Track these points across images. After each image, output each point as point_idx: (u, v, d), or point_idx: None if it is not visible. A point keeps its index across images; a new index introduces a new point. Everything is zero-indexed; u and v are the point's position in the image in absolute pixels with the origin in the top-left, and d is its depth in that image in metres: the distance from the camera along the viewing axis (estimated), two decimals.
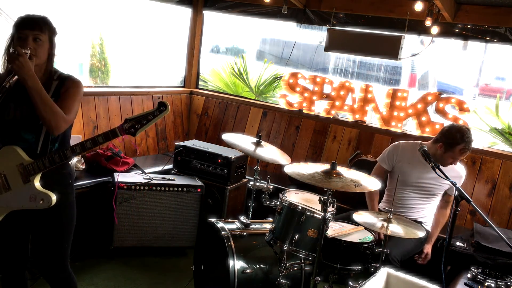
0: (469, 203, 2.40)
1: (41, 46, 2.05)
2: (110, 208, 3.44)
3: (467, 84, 8.35)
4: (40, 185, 2.09)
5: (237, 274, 2.66)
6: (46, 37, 2.07)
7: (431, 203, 3.31)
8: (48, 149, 2.13)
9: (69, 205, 2.27)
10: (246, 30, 8.16)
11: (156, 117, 2.00)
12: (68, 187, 2.26)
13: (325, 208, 2.44)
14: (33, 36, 2.03)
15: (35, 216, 2.15)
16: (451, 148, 3.10)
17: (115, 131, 2.02)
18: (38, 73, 2.07)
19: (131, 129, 2.01)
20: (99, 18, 5.93)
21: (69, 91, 2.15)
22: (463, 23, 4.00)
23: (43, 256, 2.25)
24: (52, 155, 2.05)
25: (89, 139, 2.05)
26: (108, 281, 3.29)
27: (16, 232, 2.25)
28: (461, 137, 3.09)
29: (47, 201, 2.07)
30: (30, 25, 2.04)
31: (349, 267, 2.56)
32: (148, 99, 4.81)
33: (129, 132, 2.01)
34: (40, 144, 2.11)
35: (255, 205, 3.33)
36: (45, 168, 2.06)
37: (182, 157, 4.08)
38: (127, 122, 2.01)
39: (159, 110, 2.00)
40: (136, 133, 2.01)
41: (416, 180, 3.23)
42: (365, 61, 7.80)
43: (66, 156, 2.06)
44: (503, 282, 2.68)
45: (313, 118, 4.70)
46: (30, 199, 2.07)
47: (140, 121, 2.01)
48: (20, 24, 2.06)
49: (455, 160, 3.15)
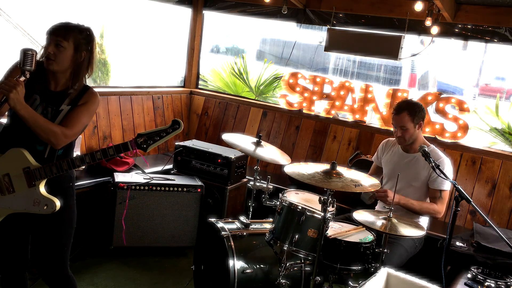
0: (469, 203, 2.40)
1: (62, 52, 2.07)
2: (110, 208, 3.45)
3: (467, 84, 8.36)
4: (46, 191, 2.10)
5: (237, 274, 2.66)
6: (69, 45, 2.08)
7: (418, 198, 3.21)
8: (55, 153, 2.14)
9: (69, 208, 2.26)
10: (246, 30, 8.17)
11: (169, 134, 2.05)
12: (68, 190, 2.26)
13: (325, 208, 2.44)
14: (55, 41, 2.06)
15: (35, 218, 2.15)
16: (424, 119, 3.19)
17: (127, 145, 2.05)
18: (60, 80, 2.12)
19: (143, 144, 2.04)
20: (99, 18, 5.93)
21: (86, 105, 2.17)
22: (463, 23, 4.00)
23: (42, 258, 2.24)
24: (61, 163, 2.06)
25: (100, 150, 2.07)
26: (108, 281, 3.29)
27: (16, 233, 2.24)
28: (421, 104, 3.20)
29: (51, 207, 2.07)
30: (56, 31, 2.08)
31: (349, 267, 2.56)
32: (148, 99, 4.81)
33: (140, 147, 2.04)
34: (49, 148, 2.12)
35: (255, 205, 3.32)
36: (52, 174, 2.07)
37: (182, 157, 4.08)
38: (140, 137, 2.04)
39: (173, 128, 2.04)
40: (148, 148, 2.04)
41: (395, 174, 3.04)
42: (365, 61, 7.80)
43: (75, 165, 2.08)
44: (503, 282, 2.68)
45: (313, 118, 4.70)
46: (34, 203, 2.08)
47: (152, 137, 2.04)
48: (49, 29, 2.10)
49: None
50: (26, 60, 1.95)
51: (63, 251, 2.27)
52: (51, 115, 2.11)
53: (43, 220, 2.16)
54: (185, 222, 3.67)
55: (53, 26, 2.11)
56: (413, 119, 3.10)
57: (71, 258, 2.34)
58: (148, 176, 3.70)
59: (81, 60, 2.14)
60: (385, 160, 3.40)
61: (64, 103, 2.13)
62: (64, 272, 2.30)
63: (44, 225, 2.19)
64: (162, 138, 2.04)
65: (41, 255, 2.24)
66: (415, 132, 3.14)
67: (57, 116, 2.12)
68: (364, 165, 3.91)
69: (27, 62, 1.95)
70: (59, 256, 2.26)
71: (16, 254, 2.28)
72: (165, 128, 2.04)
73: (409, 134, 3.13)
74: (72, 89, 2.15)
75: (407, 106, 3.13)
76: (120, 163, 3.87)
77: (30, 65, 1.95)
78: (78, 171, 3.59)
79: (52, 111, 2.12)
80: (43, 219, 2.14)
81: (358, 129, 4.49)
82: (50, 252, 2.23)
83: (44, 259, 2.24)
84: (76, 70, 2.14)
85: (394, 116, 3.16)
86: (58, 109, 2.12)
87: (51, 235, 2.22)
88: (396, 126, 3.17)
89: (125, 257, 3.60)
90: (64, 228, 2.25)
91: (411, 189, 3.18)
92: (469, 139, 4.07)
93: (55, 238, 2.23)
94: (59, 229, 2.23)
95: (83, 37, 2.13)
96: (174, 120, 2.04)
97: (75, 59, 2.12)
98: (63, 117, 2.12)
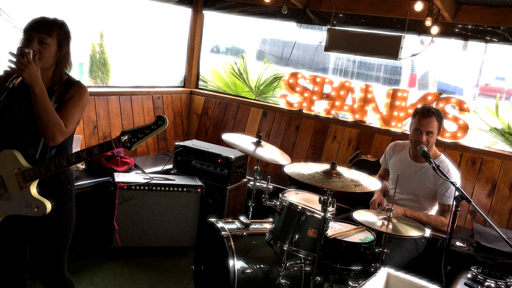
0: (469, 203, 2.40)
1: (46, 49, 2.03)
2: (110, 208, 3.44)
3: (467, 84, 8.35)
4: (37, 192, 2.07)
5: (237, 274, 2.66)
6: (53, 41, 2.04)
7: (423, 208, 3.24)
8: (46, 154, 2.11)
9: (67, 211, 2.25)
10: (246, 30, 8.16)
11: (153, 131, 1.96)
12: (66, 193, 2.23)
13: (325, 208, 2.44)
14: (38, 38, 2.01)
15: (33, 221, 2.13)
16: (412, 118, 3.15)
17: (111, 144, 1.99)
18: (44, 77, 2.04)
19: (126, 143, 1.97)
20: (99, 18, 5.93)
21: (73, 99, 2.13)
22: (463, 23, 4.00)
23: (40, 261, 2.23)
24: (48, 163, 2.03)
25: (85, 150, 2.02)
26: (108, 281, 3.29)
27: (14, 235, 2.23)
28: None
29: (42, 209, 2.04)
30: (37, 27, 2.02)
31: (349, 267, 2.56)
32: (148, 99, 4.81)
33: (124, 146, 1.98)
34: (40, 149, 2.09)
35: (255, 205, 3.33)
36: (41, 175, 2.04)
37: (182, 157, 4.08)
38: (124, 134, 1.98)
39: (157, 124, 1.96)
40: (132, 147, 1.97)
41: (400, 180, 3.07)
42: (365, 61, 7.80)
43: (61, 166, 2.03)
44: (503, 282, 2.68)
45: (313, 118, 4.70)
46: (26, 205, 2.05)
47: (136, 134, 1.97)
48: (28, 26, 2.03)
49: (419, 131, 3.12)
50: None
51: (61, 253, 2.26)
52: None
53: (40, 223, 2.14)
54: (185, 222, 3.66)
55: (31, 22, 2.04)
56: (439, 125, 3.05)
57: (71, 259, 2.35)
58: (148, 176, 3.70)
59: (63, 55, 2.11)
60: (392, 164, 3.37)
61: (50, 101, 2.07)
62: (61, 274, 2.28)
63: (41, 228, 2.17)
64: (146, 135, 1.96)
65: (38, 257, 2.23)
66: (435, 140, 3.10)
67: None
68: (364, 165, 3.91)
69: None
70: (56, 259, 2.25)
71: (14, 254, 2.27)
72: (149, 125, 1.96)
73: (433, 140, 3.06)
74: (57, 86, 2.12)
75: (436, 111, 3.05)
76: (120, 163, 3.86)
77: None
78: (78, 171, 3.59)
79: None
80: (41, 221, 2.13)
81: (358, 129, 4.49)
82: (47, 254, 2.22)
83: (41, 261, 2.23)
84: (59, 67, 2.11)
85: (422, 120, 3.03)
86: None
87: (49, 238, 2.20)
88: (422, 130, 3.04)
89: (125, 257, 3.60)
90: (61, 231, 2.23)
91: (417, 199, 3.17)
92: (469, 139, 4.07)
93: (53, 241, 2.22)
94: (57, 232, 2.22)
95: (63, 32, 2.10)
96: (158, 116, 1.95)
97: (58, 55, 2.09)
98: None
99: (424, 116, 3.03)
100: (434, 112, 3.05)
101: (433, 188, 3.11)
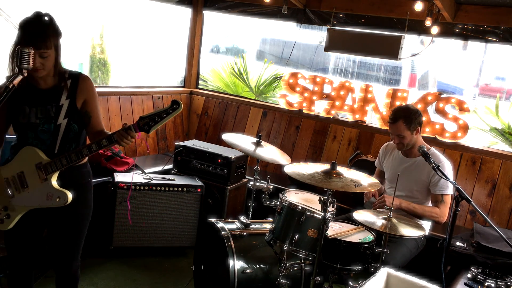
0: (469, 203, 2.41)
1: (48, 59, 2.07)
2: (110, 208, 3.44)
3: (467, 84, 8.34)
4: (57, 184, 2.15)
5: (237, 274, 2.66)
6: (52, 50, 2.07)
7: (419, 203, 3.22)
8: (65, 149, 2.20)
9: (87, 202, 2.37)
10: (246, 30, 8.16)
11: (169, 114, 2.04)
12: (86, 185, 2.36)
13: (325, 208, 2.44)
14: (39, 53, 2.03)
15: (53, 211, 2.21)
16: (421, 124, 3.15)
17: (130, 128, 2.07)
18: (48, 78, 2.14)
19: (145, 126, 2.05)
20: (99, 18, 5.94)
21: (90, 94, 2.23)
22: (463, 23, 4.00)
23: (58, 249, 2.33)
24: (69, 154, 2.12)
25: (104, 138, 2.10)
26: (108, 281, 3.29)
27: (30, 230, 2.30)
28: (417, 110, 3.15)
29: (63, 199, 2.14)
30: (35, 44, 2.00)
31: (349, 267, 2.56)
32: (148, 99, 4.81)
33: (143, 129, 2.06)
34: (58, 144, 2.18)
35: (255, 205, 3.33)
36: (62, 166, 2.13)
37: (182, 157, 4.08)
38: (142, 119, 2.06)
39: (172, 108, 2.03)
40: (150, 130, 2.06)
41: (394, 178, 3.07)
42: (365, 61, 7.80)
43: (82, 154, 2.12)
44: (503, 282, 2.68)
45: (313, 118, 4.70)
46: (47, 197, 2.14)
47: (153, 118, 2.05)
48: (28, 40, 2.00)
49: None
50: (23, 59, 1.96)
51: (79, 241, 2.37)
52: (54, 111, 2.16)
53: (60, 212, 2.23)
54: (185, 222, 3.67)
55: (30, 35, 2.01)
56: (409, 127, 3.08)
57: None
58: (148, 176, 3.70)
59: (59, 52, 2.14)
60: (386, 165, 3.39)
61: (62, 98, 2.17)
62: (76, 262, 2.39)
63: (61, 218, 2.27)
64: (163, 119, 2.04)
65: (57, 244, 2.32)
66: (413, 138, 3.13)
67: (60, 111, 2.16)
68: (364, 165, 3.91)
69: (24, 60, 1.96)
70: (75, 246, 2.36)
71: (27, 252, 2.34)
72: (166, 109, 2.03)
73: (406, 141, 3.13)
74: (63, 81, 2.18)
75: (403, 114, 3.09)
76: (120, 163, 3.86)
77: (27, 63, 1.96)
78: None
79: (53, 107, 2.16)
80: (61, 211, 2.21)
81: (358, 129, 4.49)
82: (66, 242, 2.33)
83: (60, 249, 2.33)
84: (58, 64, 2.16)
85: (390, 125, 3.14)
86: (58, 104, 2.16)
87: (68, 227, 2.31)
88: (393, 134, 3.16)
89: (125, 257, 3.60)
90: (80, 221, 2.34)
91: (413, 194, 3.18)
92: (469, 139, 4.07)
93: (71, 230, 2.32)
94: (76, 222, 2.32)
95: (56, 34, 2.11)
96: (174, 100, 2.03)
97: (56, 58, 2.14)
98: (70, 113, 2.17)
99: (391, 122, 3.12)
100: (401, 116, 3.08)
101: (427, 180, 3.13)
